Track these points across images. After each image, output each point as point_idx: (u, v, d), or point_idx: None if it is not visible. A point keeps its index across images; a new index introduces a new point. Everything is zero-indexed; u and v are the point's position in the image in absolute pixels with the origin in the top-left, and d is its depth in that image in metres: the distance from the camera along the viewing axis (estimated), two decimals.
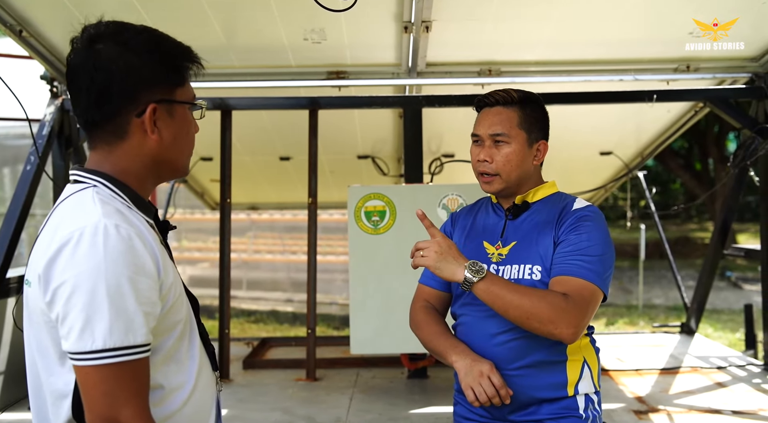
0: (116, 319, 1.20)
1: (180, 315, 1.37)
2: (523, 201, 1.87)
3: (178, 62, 1.37)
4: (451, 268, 1.66)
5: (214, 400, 1.48)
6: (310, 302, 4.07)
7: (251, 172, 5.92)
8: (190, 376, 1.39)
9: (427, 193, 3.73)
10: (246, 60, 3.87)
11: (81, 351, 1.20)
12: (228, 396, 3.74)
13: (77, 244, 1.21)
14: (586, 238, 1.74)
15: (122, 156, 1.37)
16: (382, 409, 3.48)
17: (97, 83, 1.33)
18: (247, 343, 4.95)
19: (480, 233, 1.91)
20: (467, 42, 3.70)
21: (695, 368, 4.18)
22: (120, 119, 1.34)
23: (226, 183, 4.18)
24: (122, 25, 1.38)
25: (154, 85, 1.34)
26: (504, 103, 1.86)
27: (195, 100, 1.44)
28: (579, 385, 1.79)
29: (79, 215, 1.26)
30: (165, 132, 1.37)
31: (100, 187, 1.34)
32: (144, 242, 1.27)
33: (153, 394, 1.32)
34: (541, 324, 1.65)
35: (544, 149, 1.89)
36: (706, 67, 3.99)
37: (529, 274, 1.78)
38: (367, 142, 5.32)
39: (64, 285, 1.20)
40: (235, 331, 8.43)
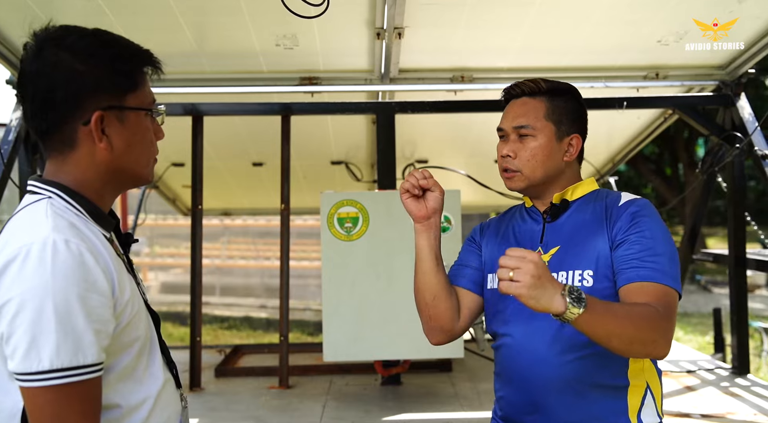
0: (64, 338, 1.16)
1: (138, 332, 1.33)
2: (561, 200, 1.69)
3: (128, 66, 1.32)
4: (548, 297, 1.30)
5: (178, 418, 1.45)
6: (283, 309, 4.04)
7: (224, 177, 5.87)
8: (150, 394, 1.35)
9: (399, 199, 3.72)
10: (217, 65, 3.84)
11: (26, 372, 1.16)
12: (199, 405, 3.69)
13: (24, 260, 1.17)
14: (649, 235, 1.56)
15: (75, 166, 1.32)
16: (356, 417, 3.47)
17: (41, 91, 1.29)
18: (219, 351, 4.89)
19: (515, 241, 1.73)
20: (439, 48, 3.72)
21: (665, 372, 4.21)
22: (67, 127, 1.30)
23: (198, 189, 4.14)
24: (68, 29, 1.33)
25: (99, 91, 1.29)
26: (530, 93, 1.70)
27: (152, 106, 1.39)
28: (641, 414, 1.60)
29: (28, 229, 1.22)
30: (116, 139, 1.32)
31: (54, 198, 1.29)
32: (96, 258, 1.23)
33: (110, 413, 1.29)
34: (643, 346, 1.45)
35: (577, 144, 1.70)
36: (674, 74, 4.05)
37: (579, 281, 1.59)
38: (341, 148, 5.31)
39: (9, 303, 1.16)
40: (208, 338, 8.36)
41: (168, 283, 11.04)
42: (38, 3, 3.20)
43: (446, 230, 3.67)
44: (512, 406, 1.66)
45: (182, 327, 9.24)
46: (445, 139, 5.25)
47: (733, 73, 4.00)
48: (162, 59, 1.55)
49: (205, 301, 10.24)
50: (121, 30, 3.41)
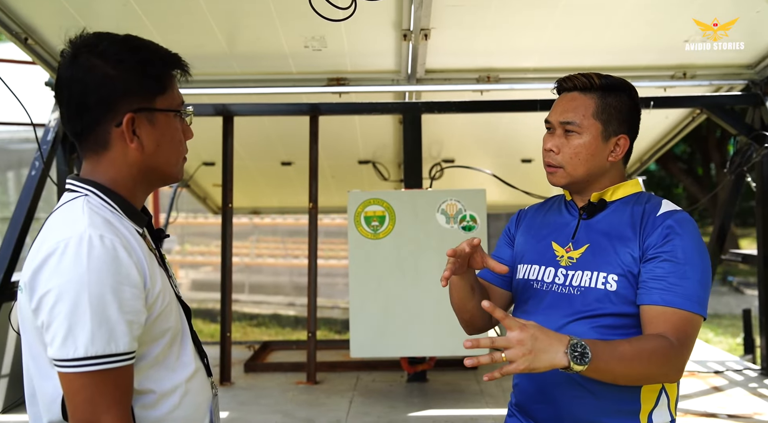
0: (98, 327, 1.24)
1: (169, 323, 1.40)
2: (599, 199, 1.67)
3: (157, 70, 1.38)
4: (548, 360, 1.36)
5: (209, 405, 1.51)
6: (311, 306, 4.11)
7: (253, 176, 5.97)
8: (182, 381, 1.42)
9: (426, 199, 3.77)
10: (247, 67, 3.92)
11: (63, 358, 1.24)
12: (229, 399, 3.78)
13: (62, 254, 1.25)
14: (682, 256, 1.53)
15: (109, 165, 1.40)
16: (382, 412, 3.52)
17: (75, 95, 1.37)
18: (248, 347, 4.98)
19: (549, 232, 1.73)
20: (465, 49, 3.75)
21: (692, 372, 4.20)
22: (100, 129, 1.38)
23: (228, 188, 4.23)
24: (101, 36, 1.40)
25: (130, 95, 1.36)
26: (582, 89, 1.66)
27: (181, 107, 1.46)
28: (653, 415, 1.60)
29: (66, 225, 1.30)
30: (146, 140, 1.40)
31: (91, 196, 1.37)
32: (129, 252, 1.30)
33: (144, 398, 1.37)
34: (652, 380, 1.54)
35: (624, 145, 1.67)
36: (702, 73, 4.03)
37: (603, 284, 1.60)
38: (368, 148, 5.36)
39: (48, 293, 1.24)
40: (237, 335, 8.48)
41: (198, 281, 11.19)
42: (77, 9, 3.31)
43: (472, 229, 3.71)
44: (525, 394, 1.70)
45: (212, 323, 9.39)
46: (471, 138, 5.28)
47: (762, 72, 3.98)
48: (193, 61, 1.62)
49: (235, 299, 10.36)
50: (155, 33, 3.54)
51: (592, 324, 1.59)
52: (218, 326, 4.40)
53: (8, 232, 3.60)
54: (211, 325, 9.31)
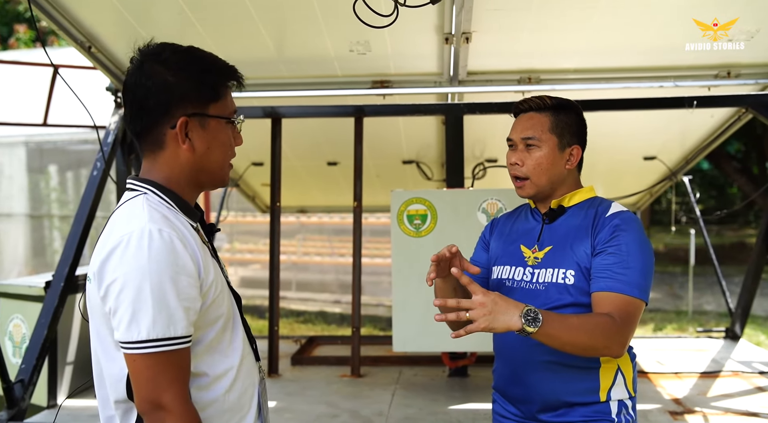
0: (159, 313, 1.36)
1: (221, 310, 1.52)
2: (558, 205, 1.90)
3: (211, 79, 1.50)
4: (504, 321, 1.58)
5: (256, 388, 1.63)
6: (355, 301, 4.24)
7: (300, 176, 6.13)
8: (233, 365, 1.54)
9: (467, 198, 3.86)
10: (295, 70, 4.06)
11: (128, 340, 1.37)
12: (277, 390, 3.93)
13: (126, 246, 1.38)
14: (626, 249, 1.76)
15: (164, 164, 1.54)
16: (423, 405, 3.62)
17: (138, 98, 1.51)
18: (295, 341, 5.15)
19: (518, 237, 1.95)
20: (506, 51, 3.82)
21: (736, 372, 4.19)
22: (157, 131, 1.51)
23: (276, 187, 4.38)
24: (165, 46, 1.54)
25: (186, 100, 1.48)
26: (537, 109, 1.91)
27: (232, 115, 1.59)
28: (611, 392, 1.80)
29: (129, 221, 1.43)
30: (198, 143, 1.53)
31: (149, 194, 1.51)
32: (185, 244, 1.43)
33: (199, 380, 1.49)
34: (595, 351, 1.71)
35: (577, 154, 1.90)
36: (747, 73, 4.01)
37: (562, 279, 1.81)
38: (412, 148, 5.47)
39: (115, 282, 1.38)
40: (285, 331, 8.68)
41: (247, 278, 11.44)
42: (136, 18, 3.50)
43: None
44: (502, 377, 1.91)
45: (260, 320, 9.61)
46: None
47: None
48: (244, 66, 1.76)
49: (282, 296, 10.57)
50: (208, 40, 3.71)
51: None
52: (266, 322, 4.54)
53: (72, 229, 3.82)
54: (259, 321, 9.53)
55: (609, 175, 6.09)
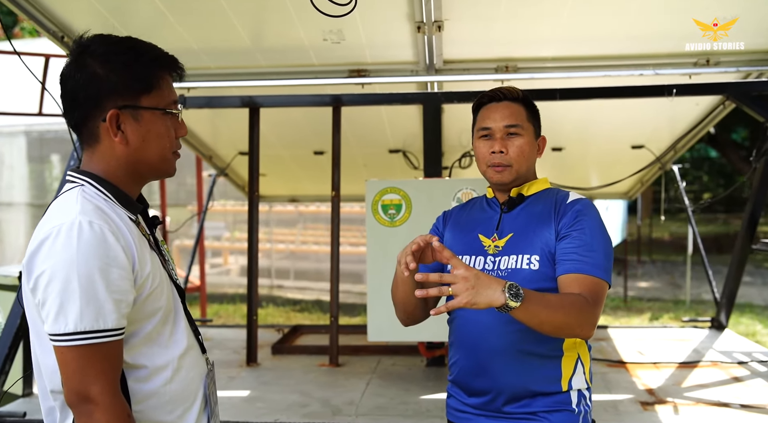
0: (87, 305, 1.36)
1: (159, 302, 1.52)
2: (518, 194, 1.92)
3: (142, 71, 1.49)
4: (487, 296, 1.55)
5: (203, 381, 1.64)
6: (333, 290, 4.25)
7: (289, 166, 6.14)
8: (174, 357, 1.54)
9: (442, 187, 3.85)
10: (271, 60, 4.05)
11: (56, 333, 1.37)
12: (253, 379, 3.96)
13: (55, 238, 1.38)
14: (589, 232, 1.80)
15: (101, 157, 1.54)
16: (395, 394, 3.63)
17: (68, 91, 1.51)
18: (278, 330, 5.16)
19: (475, 226, 1.95)
20: (482, 39, 3.79)
21: (715, 363, 4.17)
22: (90, 124, 1.51)
23: (254, 177, 4.39)
24: (98, 38, 1.53)
25: (116, 93, 1.48)
26: (512, 99, 1.91)
27: (169, 105, 1.58)
28: (572, 381, 1.84)
29: (60, 213, 1.43)
30: (132, 135, 1.52)
31: (86, 186, 1.51)
32: (118, 237, 1.42)
33: (137, 372, 1.49)
34: (570, 330, 1.71)
35: (543, 144, 1.96)
36: (727, 60, 3.96)
37: (527, 264, 1.82)
38: (398, 137, 5.45)
39: (43, 274, 1.38)
40: (281, 319, 8.73)
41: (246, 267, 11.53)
42: (110, 10, 3.50)
43: None
44: (462, 370, 1.89)
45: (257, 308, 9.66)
46: None
47: None
48: (220, 55, 1.75)
49: (279, 284, 10.65)
50: (181, 30, 3.70)
51: None
52: (262, 311, 4.53)
53: None
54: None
55: (596, 164, 6.06)
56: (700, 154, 22.79)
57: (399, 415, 3.29)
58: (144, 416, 1.52)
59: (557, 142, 5.41)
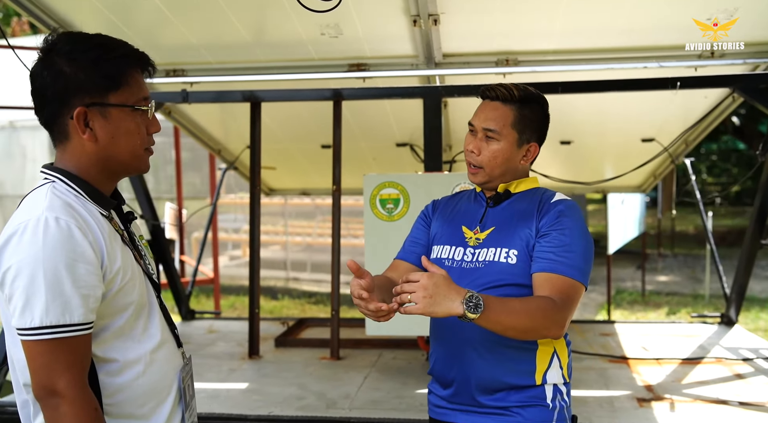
0: (52, 300, 1.38)
1: (131, 297, 1.54)
2: (505, 190, 1.94)
3: (109, 68, 1.51)
4: (446, 307, 1.57)
5: (177, 374, 1.65)
6: (334, 284, 4.27)
7: (297, 159, 6.16)
8: (146, 351, 1.56)
9: (440, 182, 3.83)
10: (271, 54, 4.06)
11: (22, 327, 1.40)
12: (253, 372, 4.00)
13: (22, 234, 1.41)
14: (569, 233, 1.81)
15: (72, 154, 1.56)
16: (392, 388, 3.64)
17: (37, 89, 1.53)
18: (282, 323, 5.20)
19: (460, 218, 1.98)
20: (481, 33, 3.76)
21: (719, 359, 4.11)
22: (60, 121, 1.53)
23: (256, 171, 4.42)
24: (66, 36, 1.55)
25: (83, 91, 1.49)
26: (503, 100, 1.89)
27: (139, 102, 1.59)
28: (547, 375, 1.85)
29: (28, 209, 1.46)
30: (100, 132, 1.54)
31: (57, 182, 1.53)
32: (85, 232, 1.44)
33: (108, 366, 1.52)
34: (536, 333, 1.75)
35: (534, 151, 1.94)
36: (733, 52, 3.88)
37: (505, 258, 1.84)
38: (404, 131, 5.43)
39: (9, 270, 1.41)
40: (295, 312, 8.80)
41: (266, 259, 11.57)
42: (109, 7, 3.54)
43: None
44: (438, 360, 1.93)
45: (272, 300, 9.73)
46: None
47: None
48: (221, 50, 1.75)
49: (295, 277, 10.71)
50: (181, 27, 3.73)
51: (496, 293, 1.81)
52: (276, 303, 4.54)
53: None
54: (271, 302, 9.65)
55: (608, 158, 5.99)
56: (727, 146, 22.40)
57: (392, 408, 3.30)
58: (116, 409, 1.55)
59: (565, 136, 5.36)
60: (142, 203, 5.04)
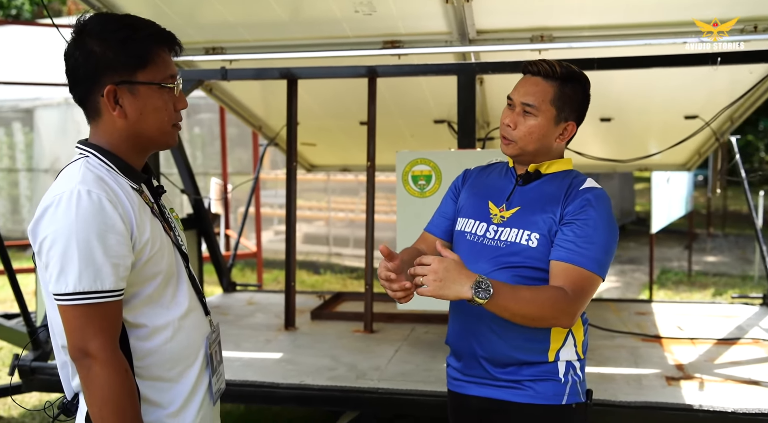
0: (85, 268, 1.49)
1: (160, 266, 1.63)
2: (535, 170, 1.93)
3: (137, 47, 1.59)
4: (456, 291, 1.64)
5: (204, 341, 1.76)
6: (368, 258, 4.34)
7: (337, 135, 6.23)
8: (174, 318, 1.66)
9: (472, 158, 3.81)
10: (307, 32, 4.11)
11: (58, 293, 1.51)
12: (288, 342, 4.12)
13: (57, 206, 1.51)
14: (592, 224, 1.80)
15: (104, 130, 1.66)
16: (421, 361, 3.71)
17: (70, 68, 1.62)
18: (319, 296, 5.31)
19: (488, 192, 1.98)
20: (515, 9, 3.74)
21: (756, 340, 4.05)
22: (92, 99, 1.63)
23: (292, 147, 4.50)
24: (97, 17, 1.63)
25: (112, 69, 1.58)
26: (545, 75, 1.88)
27: (166, 80, 1.67)
28: (560, 352, 1.88)
29: (63, 182, 1.57)
30: (129, 109, 1.63)
31: (91, 157, 1.63)
32: (115, 205, 1.54)
33: (138, 331, 1.62)
34: (544, 322, 1.79)
35: (571, 130, 1.92)
36: None
37: (526, 240, 1.85)
38: (442, 107, 5.43)
39: (46, 239, 1.51)
40: (337, 286, 8.93)
41: (310, 234, 11.74)
42: None
43: None
44: (453, 332, 1.98)
45: (315, 275, 9.90)
46: None
47: None
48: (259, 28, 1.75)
49: (337, 252, 10.84)
50: (219, 6, 3.80)
51: (512, 273, 1.84)
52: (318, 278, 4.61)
53: None
54: (314, 276, 9.81)
55: (650, 135, 5.88)
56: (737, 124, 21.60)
57: (420, 381, 3.37)
58: (145, 372, 1.65)
59: (605, 113, 5.29)
60: (184, 178, 5.19)
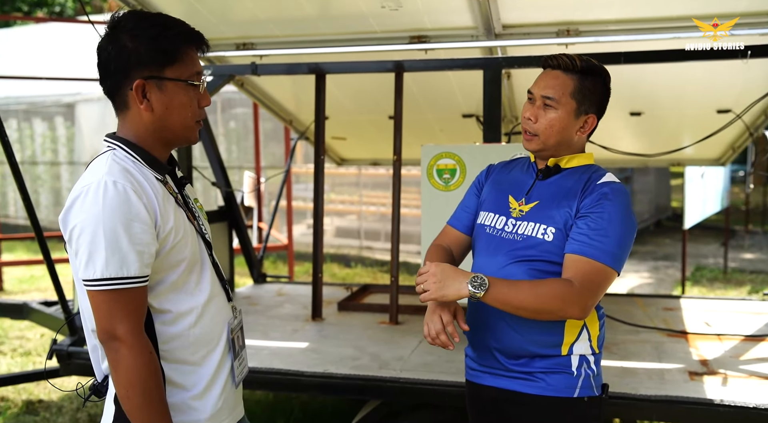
0: (112, 255, 1.57)
1: (183, 254, 1.72)
2: (555, 164, 1.96)
3: (167, 44, 1.67)
4: (455, 289, 1.75)
5: (226, 326, 1.84)
6: (394, 251, 4.40)
7: (367, 130, 6.29)
8: (198, 304, 1.75)
9: (496, 152, 3.86)
10: (334, 27, 4.17)
11: (86, 278, 1.60)
12: (314, 332, 4.20)
13: (85, 196, 1.60)
14: (607, 217, 1.81)
15: (131, 123, 1.75)
16: (444, 352, 3.73)
17: (102, 62, 1.72)
18: (347, 288, 5.38)
19: (509, 187, 2.02)
20: (540, 3, 3.75)
21: None
22: (121, 92, 1.72)
23: (320, 141, 4.56)
24: (129, 13, 1.73)
25: (142, 64, 1.67)
26: (565, 69, 1.91)
27: (192, 77, 1.75)
28: (574, 346, 1.90)
29: (92, 173, 1.66)
30: (156, 103, 1.71)
31: (118, 150, 1.73)
32: (140, 195, 1.62)
33: (163, 316, 1.71)
34: (551, 314, 1.81)
35: (591, 123, 1.94)
36: None
37: (542, 234, 1.88)
38: (471, 102, 5.46)
39: (75, 228, 1.61)
40: (368, 279, 9.01)
41: (342, 228, 11.83)
42: None
43: None
44: (471, 323, 1.99)
45: (346, 268, 9.99)
46: None
47: None
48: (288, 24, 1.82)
49: (369, 246, 10.92)
50: (249, 3, 3.87)
51: (529, 267, 1.87)
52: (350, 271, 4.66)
53: None
54: (345, 269, 9.90)
55: (681, 130, 5.81)
56: None
57: (442, 372, 3.42)
58: (170, 355, 1.73)
59: (634, 107, 5.25)
60: (215, 171, 5.31)
